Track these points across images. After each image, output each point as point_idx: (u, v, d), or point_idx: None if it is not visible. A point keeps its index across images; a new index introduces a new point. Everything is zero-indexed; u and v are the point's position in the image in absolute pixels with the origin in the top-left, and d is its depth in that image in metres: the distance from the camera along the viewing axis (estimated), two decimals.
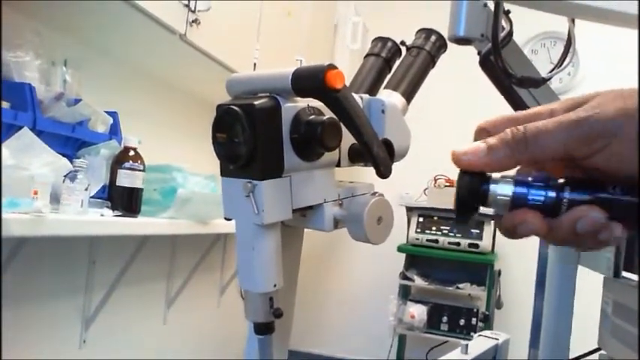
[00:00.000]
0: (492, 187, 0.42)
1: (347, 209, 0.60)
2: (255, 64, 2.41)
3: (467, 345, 1.14)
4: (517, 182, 0.41)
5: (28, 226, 1.20)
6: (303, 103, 0.57)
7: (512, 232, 0.41)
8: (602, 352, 1.12)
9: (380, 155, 0.56)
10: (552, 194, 0.40)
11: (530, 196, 0.41)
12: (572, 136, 0.39)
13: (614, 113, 0.38)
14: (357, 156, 0.61)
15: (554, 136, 0.39)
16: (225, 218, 0.61)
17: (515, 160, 0.41)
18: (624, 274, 0.78)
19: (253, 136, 0.53)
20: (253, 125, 0.53)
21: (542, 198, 0.40)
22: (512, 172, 0.43)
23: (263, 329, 0.59)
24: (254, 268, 0.58)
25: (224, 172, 0.58)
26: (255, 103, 0.54)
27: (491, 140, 0.42)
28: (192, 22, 1.88)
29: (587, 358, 1.38)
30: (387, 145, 0.61)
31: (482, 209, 0.43)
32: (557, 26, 3.23)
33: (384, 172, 0.56)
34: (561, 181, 0.41)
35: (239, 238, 0.59)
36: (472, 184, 0.42)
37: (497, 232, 3.23)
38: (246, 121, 0.53)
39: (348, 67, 3.15)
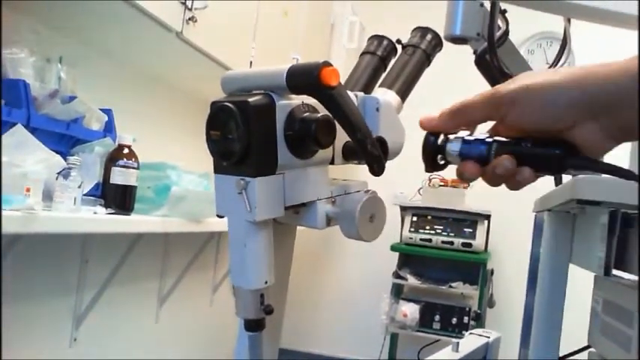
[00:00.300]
0: (448, 144, 0.55)
1: (340, 207, 0.60)
2: (251, 63, 2.41)
3: (458, 343, 1.14)
4: (464, 141, 0.55)
5: (20, 223, 1.20)
6: (297, 100, 0.57)
7: (462, 178, 0.55)
8: (591, 349, 1.12)
9: (373, 153, 0.56)
10: (484, 149, 0.53)
11: (470, 150, 0.54)
12: (484, 107, 0.53)
13: (510, 89, 0.51)
14: (351, 154, 0.61)
15: (473, 107, 0.54)
16: (218, 215, 0.61)
17: (453, 124, 0.55)
18: (615, 272, 0.79)
19: (247, 133, 0.53)
20: (247, 122, 0.53)
21: (477, 152, 0.53)
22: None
23: (253, 326, 0.59)
24: (245, 264, 0.58)
25: (217, 169, 0.59)
26: (250, 100, 0.54)
27: (444, 110, 0.55)
28: (189, 19, 1.87)
29: (577, 356, 1.39)
30: (381, 142, 0.61)
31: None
32: (553, 26, 3.23)
33: (377, 170, 0.57)
34: (495, 139, 0.54)
35: (231, 235, 0.59)
36: (433, 142, 0.56)
37: (491, 232, 3.24)
38: (240, 118, 0.54)
39: (344, 66, 3.14)
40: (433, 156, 0.56)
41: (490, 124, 0.56)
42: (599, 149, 0.50)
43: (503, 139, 0.54)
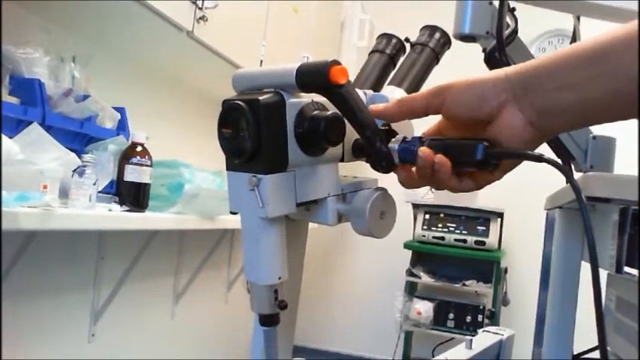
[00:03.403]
0: (391, 144, 0.57)
1: (350, 203, 0.61)
2: (261, 61, 2.42)
3: (471, 340, 1.14)
4: (402, 141, 0.58)
5: (37, 219, 1.22)
6: (307, 98, 0.58)
7: (401, 181, 0.59)
8: (607, 347, 1.12)
9: (382, 150, 0.57)
10: (411, 147, 0.56)
11: (402, 147, 0.57)
12: (427, 97, 0.57)
13: (449, 81, 0.56)
14: (361, 151, 0.61)
15: (418, 97, 0.57)
16: (231, 212, 0.62)
17: (399, 112, 0.58)
18: (627, 269, 0.79)
19: (258, 131, 0.54)
20: (258, 120, 0.54)
21: (406, 147, 0.57)
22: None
23: (268, 321, 0.60)
24: (259, 260, 0.59)
25: (229, 167, 0.59)
26: (260, 98, 0.55)
27: (393, 100, 0.60)
28: (200, 18, 1.89)
29: (591, 354, 1.39)
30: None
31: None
32: (564, 24, 3.22)
33: (386, 167, 0.57)
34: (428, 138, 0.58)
35: (244, 232, 0.60)
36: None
37: (504, 230, 3.23)
38: (251, 116, 0.54)
39: (354, 64, 3.15)
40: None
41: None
42: (520, 136, 0.54)
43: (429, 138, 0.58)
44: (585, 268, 1.24)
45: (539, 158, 0.52)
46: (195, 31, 1.88)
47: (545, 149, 0.59)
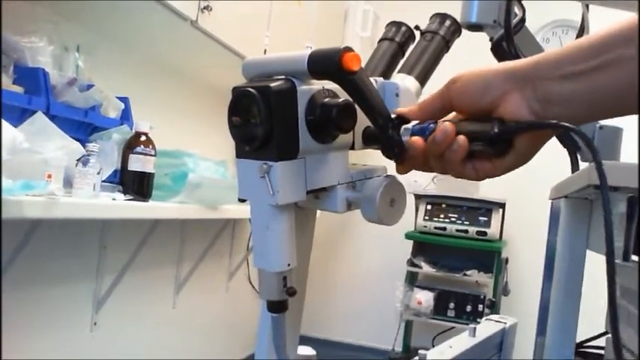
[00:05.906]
0: (403, 127, 0.58)
1: (360, 191, 0.61)
2: (265, 51, 2.41)
3: (475, 328, 1.15)
4: (417, 123, 0.58)
5: (42, 208, 1.22)
6: (318, 85, 0.57)
7: (408, 152, 0.58)
8: (609, 335, 1.12)
9: (394, 138, 0.57)
10: (431, 126, 0.56)
11: (420, 128, 0.57)
12: (439, 95, 0.58)
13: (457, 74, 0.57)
14: (372, 138, 0.61)
15: (432, 97, 0.58)
16: (240, 199, 0.62)
17: (421, 114, 0.59)
18: (634, 257, 0.79)
19: (269, 118, 0.54)
20: (269, 107, 0.54)
21: (424, 127, 0.57)
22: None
23: (277, 307, 0.60)
24: (268, 247, 0.59)
25: (239, 154, 0.59)
26: (272, 85, 0.54)
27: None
28: (204, 8, 1.88)
29: (595, 342, 1.40)
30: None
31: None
32: (569, 14, 3.20)
33: (397, 155, 0.57)
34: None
35: (254, 219, 0.60)
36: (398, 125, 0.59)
37: (505, 220, 3.24)
38: (262, 103, 0.54)
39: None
40: (395, 133, 0.59)
41: None
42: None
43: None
44: (588, 257, 1.24)
45: (557, 125, 0.51)
46: (200, 21, 1.88)
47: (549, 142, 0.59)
